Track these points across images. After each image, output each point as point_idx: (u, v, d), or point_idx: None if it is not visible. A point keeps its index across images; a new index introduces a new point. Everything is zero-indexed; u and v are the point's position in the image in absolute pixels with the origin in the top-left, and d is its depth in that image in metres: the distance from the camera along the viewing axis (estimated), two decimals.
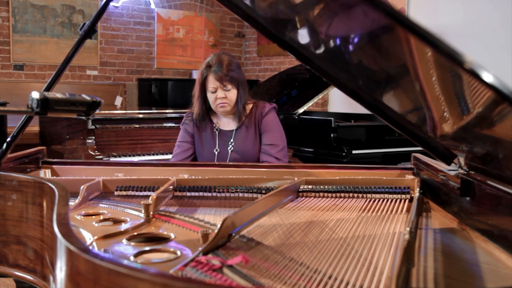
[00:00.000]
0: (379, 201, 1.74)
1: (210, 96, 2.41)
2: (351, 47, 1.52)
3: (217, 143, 2.47)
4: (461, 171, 1.50)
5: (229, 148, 2.46)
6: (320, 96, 4.38)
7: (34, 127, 4.34)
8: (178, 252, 1.19)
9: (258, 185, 1.88)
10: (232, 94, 2.40)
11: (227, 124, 2.51)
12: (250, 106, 2.51)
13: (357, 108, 3.10)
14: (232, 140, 2.46)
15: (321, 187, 1.84)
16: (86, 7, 6.31)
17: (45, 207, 1.49)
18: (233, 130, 2.48)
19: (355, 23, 1.34)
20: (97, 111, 1.11)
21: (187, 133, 2.52)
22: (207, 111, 2.49)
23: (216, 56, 2.42)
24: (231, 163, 2.28)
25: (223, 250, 1.17)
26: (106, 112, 3.89)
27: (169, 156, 3.78)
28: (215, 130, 2.50)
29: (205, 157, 2.49)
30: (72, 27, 6.22)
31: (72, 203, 1.62)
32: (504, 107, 1.01)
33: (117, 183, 1.89)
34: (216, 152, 2.46)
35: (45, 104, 1.03)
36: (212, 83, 2.37)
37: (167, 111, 4.23)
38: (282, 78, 4.81)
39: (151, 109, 4.68)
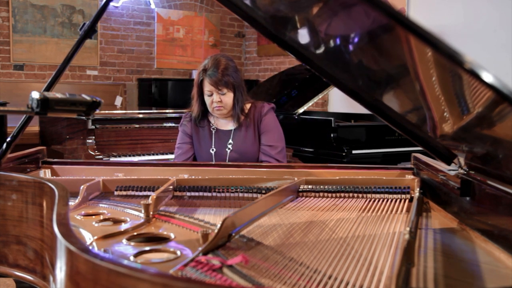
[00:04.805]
0: (379, 201, 1.74)
1: (207, 99, 2.42)
2: (351, 47, 1.52)
3: (213, 143, 2.48)
4: (461, 171, 1.50)
5: (227, 148, 2.47)
6: (320, 96, 4.38)
7: (34, 127, 4.34)
8: (178, 252, 1.19)
9: (258, 185, 1.88)
10: (228, 98, 2.39)
11: (224, 124, 2.51)
12: (249, 106, 2.51)
13: (357, 108, 3.11)
14: (230, 140, 2.47)
15: (321, 187, 1.84)
16: (86, 7, 6.31)
17: (45, 207, 1.49)
18: (231, 130, 2.49)
19: (355, 23, 1.34)
20: (97, 111, 1.11)
21: (186, 134, 2.53)
22: (205, 112, 2.50)
23: (213, 59, 2.41)
24: (231, 163, 2.28)
25: (223, 250, 1.17)
26: (106, 112, 3.88)
27: (169, 156, 3.79)
28: (211, 129, 2.51)
29: (203, 157, 2.50)
30: (72, 27, 6.22)
31: (72, 203, 1.62)
32: (504, 107, 1.01)
33: (117, 183, 1.89)
34: (213, 152, 2.47)
35: (45, 104, 1.03)
36: (207, 87, 2.38)
37: (167, 111, 4.23)
38: (282, 78, 4.81)
39: (151, 109, 4.68)
